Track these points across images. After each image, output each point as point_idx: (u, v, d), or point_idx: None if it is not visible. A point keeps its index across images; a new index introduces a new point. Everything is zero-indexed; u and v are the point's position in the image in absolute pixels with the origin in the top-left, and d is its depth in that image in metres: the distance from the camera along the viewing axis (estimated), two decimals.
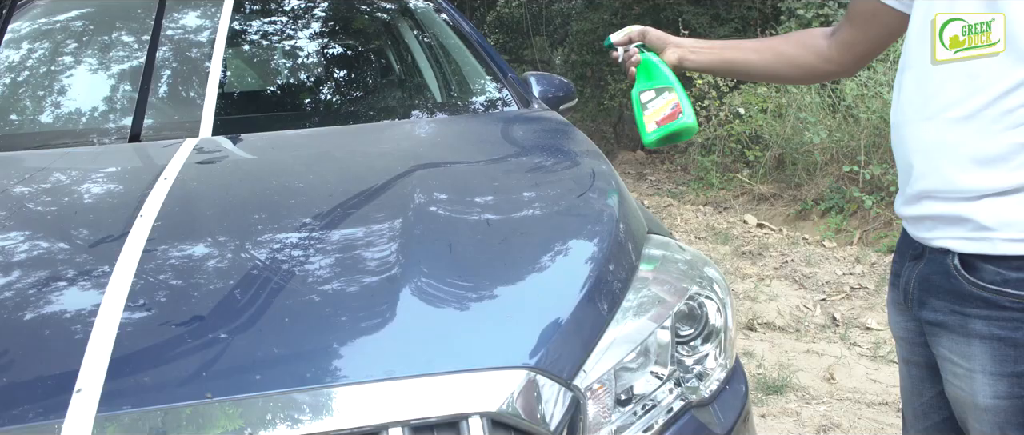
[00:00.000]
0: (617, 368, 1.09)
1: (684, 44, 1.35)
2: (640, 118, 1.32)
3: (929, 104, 0.94)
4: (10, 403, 0.86)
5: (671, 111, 1.29)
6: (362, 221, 1.25)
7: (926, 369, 1.09)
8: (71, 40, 2.05)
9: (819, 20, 5.20)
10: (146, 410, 0.86)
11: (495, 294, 1.08)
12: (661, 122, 1.29)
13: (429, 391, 0.91)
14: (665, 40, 1.36)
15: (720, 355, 1.26)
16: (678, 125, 1.28)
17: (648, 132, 1.31)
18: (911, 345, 1.10)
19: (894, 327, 1.14)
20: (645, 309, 1.17)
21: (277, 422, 0.86)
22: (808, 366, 2.82)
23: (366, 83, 2.41)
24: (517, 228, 1.24)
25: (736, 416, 1.21)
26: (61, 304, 1.02)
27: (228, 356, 0.93)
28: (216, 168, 1.49)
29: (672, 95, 1.30)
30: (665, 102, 1.29)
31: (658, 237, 1.39)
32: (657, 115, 1.29)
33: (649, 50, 1.37)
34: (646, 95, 1.32)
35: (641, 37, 1.37)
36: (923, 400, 1.11)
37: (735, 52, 1.32)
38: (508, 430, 0.92)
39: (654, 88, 1.31)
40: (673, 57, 1.34)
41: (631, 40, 1.38)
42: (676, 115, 1.28)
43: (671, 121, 1.28)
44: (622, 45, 1.39)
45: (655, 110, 1.30)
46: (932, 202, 0.96)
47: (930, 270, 1.00)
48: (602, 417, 1.06)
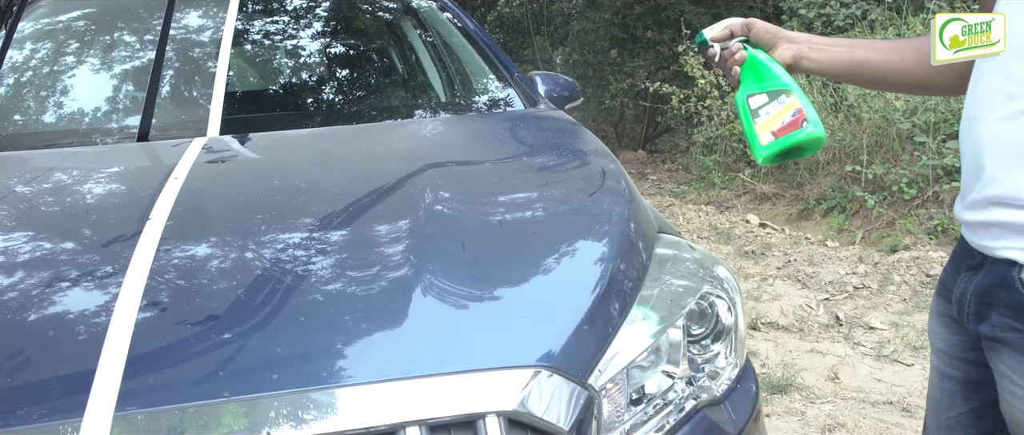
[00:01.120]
0: (629, 367, 1.09)
1: (799, 39, 1.15)
2: (750, 129, 1.12)
3: (1013, 103, 0.85)
4: (28, 402, 0.87)
5: (791, 119, 1.08)
6: (374, 221, 1.25)
7: (962, 385, 1.03)
8: (79, 40, 2.05)
9: (821, 20, 5.20)
10: (163, 409, 0.86)
11: (509, 293, 1.08)
12: (779, 133, 1.09)
13: (445, 390, 0.91)
14: (776, 34, 1.15)
15: (731, 354, 1.26)
16: (802, 136, 1.07)
17: (762, 145, 1.10)
18: (952, 359, 1.04)
19: (936, 339, 1.08)
20: (657, 308, 1.17)
21: (294, 421, 0.86)
22: (812, 365, 2.83)
23: (372, 83, 2.42)
24: (529, 227, 1.24)
25: (748, 415, 1.22)
26: (76, 303, 1.02)
27: (244, 355, 0.93)
28: (226, 168, 1.49)
29: (791, 99, 1.09)
30: (783, 108, 1.09)
31: (668, 236, 1.39)
32: (773, 124, 1.09)
33: (755, 46, 1.17)
34: (756, 100, 1.12)
35: (745, 30, 1.17)
36: (951, 414, 1.06)
37: (867, 51, 1.11)
38: (524, 429, 0.92)
39: (766, 91, 1.11)
40: (787, 54, 1.13)
41: (732, 34, 1.18)
42: (798, 123, 1.08)
43: (792, 131, 1.08)
44: (720, 41, 1.19)
45: (770, 118, 1.10)
46: (1003, 209, 0.88)
47: (991, 282, 0.92)
48: (615, 416, 1.06)
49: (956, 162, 3.86)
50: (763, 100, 1.12)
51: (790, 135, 1.08)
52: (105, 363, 0.90)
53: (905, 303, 3.36)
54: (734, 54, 1.17)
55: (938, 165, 3.96)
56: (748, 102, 1.13)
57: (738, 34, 1.17)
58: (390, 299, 1.03)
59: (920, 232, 3.93)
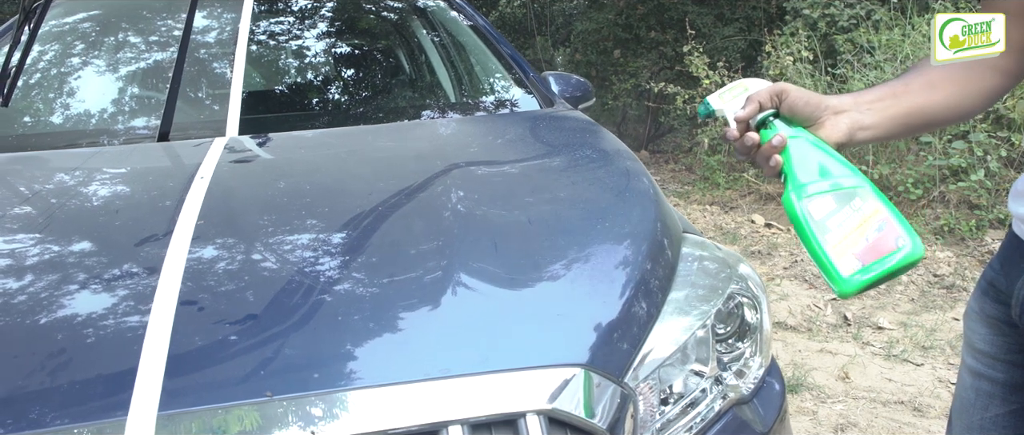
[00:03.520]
0: (661, 367, 1.10)
1: (844, 104, 0.88)
2: (819, 250, 0.82)
3: None
4: (72, 401, 0.87)
5: (877, 234, 0.81)
6: (404, 219, 1.25)
7: (1002, 387, 1.00)
8: (97, 40, 2.05)
9: (825, 20, 5.20)
10: (207, 408, 0.87)
11: (544, 292, 1.09)
12: (866, 256, 0.80)
13: (486, 389, 0.92)
14: (818, 105, 0.88)
15: (756, 353, 1.27)
16: (900, 259, 0.80)
17: (845, 277, 0.81)
18: (993, 360, 1.00)
19: (976, 339, 1.03)
20: (686, 308, 1.18)
21: (338, 420, 0.87)
22: (822, 365, 2.83)
23: (389, 83, 2.42)
24: (558, 227, 1.25)
25: (776, 414, 1.23)
26: (113, 303, 1.02)
27: (285, 354, 0.93)
28: (252, 167, 1.49)
29: (869, 204, 0.82)
30: (862, 219, 0.82)
31: (693, 237, 1.40)
32: (853, 244, 0.81)
33: (793, 123, 0.88)
34: (818, 206, 0.83)
35: (775, 102, 0.88)
36: (987, 416, 1.03)
37: (914, 97, 0.91)
38: (563, 428, 0.93)
39: (831, 194, 0.83)
40: (841, 131, 0.87)
41: (761, 107, 0.88)
42: (891, 242, 0.80)
43: (886, 254, 0.80)
44: (743, 120, 0.89)
45: (846, 235, 0.82)
46: None
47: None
48: (648, 415, 1.07)
49: (962, 162, 3.87)
50: (829, 206, 0.83)
51: (883, 259, 0.80)
52: (146, 362, 0.90)
53: (913, 303, 3.37)
54: (771, 141, 0.87)
55: (944, 165, 3.97)
56: (807, 210, 0.84)
57: (767, 107, 0.89)
58: (427, 298, 1.03)
59: (926, 232, 3.94)
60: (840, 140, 0.88)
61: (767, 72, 5.28)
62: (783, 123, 0.89)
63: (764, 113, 0.88)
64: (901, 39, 4.59)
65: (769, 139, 0.87)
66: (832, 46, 5.07)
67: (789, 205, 0.86)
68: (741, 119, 0.89)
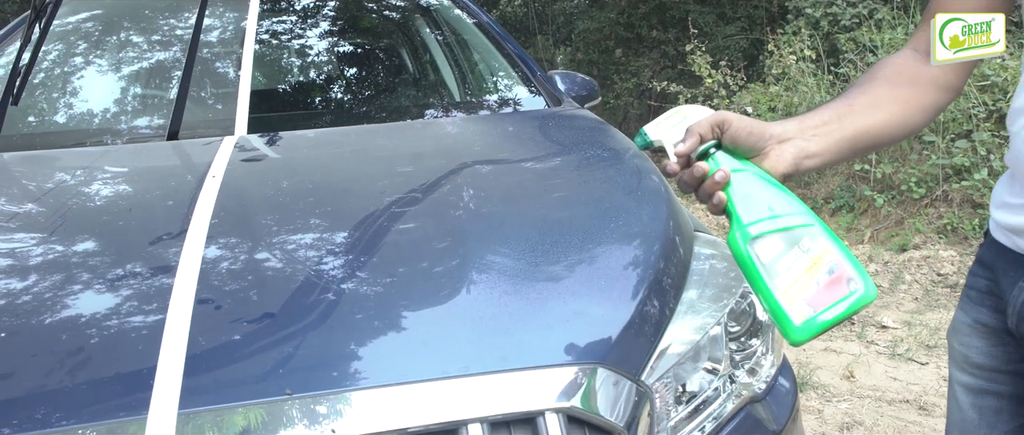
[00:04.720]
0: (676, 365, 1.10)
1: (789, 132, 0.84)
2: (768, 295, 0.77)
3: None
4: (92, 400, 0.87)
5: (828, 278, 0.75)
6: (418, 218, 1.25)
7: (1009, 401, 0.93)
8: (106, 39, 2.05)
9: (828, 19, 5.21)
10: (226, 407, 0.87)
11: (560, 291, 1.09)
12: (817, 302, 0.75)
13: (505, 387, 0.92)
14: (761, 135, 0.82)
15: (769, 351, 1.27)
16: (851, 303, 0.75)
17: (797, 325, 0.76)
18: (997, 372, 0.94)
19: (973, 353, 0.96)
20: (699, 307, 1.18)
21: (358, 419, 0.87)
22: (827, 364, 2.84)
23: (395, 81, 2.42)
24: (572, 225, 1.25)
25: (789, 412, 1.23)
26: (131, 302, 1.03)
27: (303, 353, 0.94)
28: (263, 166, 1.50)
29: (819, 244, 0.77)
30: (811, 260, 0.76)
31: (705, 235, 1.40)
32: (803, 289, 0.76)
33: (738, 156, 0.83)
34: (765, 248, 0.78)
35: (716, 133, 0.83)
36: (996, 433, 0.95)
37: (858, 119, 0.87)
38: (582, 426, 0.93)
39: (778, 233, 0.78)
40: (785, 161, 0.83)
41: (701, 139, 0.82)
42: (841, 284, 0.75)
43: (837, 299, 0.75)
44: (683, 154, 0.83)
45: (795, 279, 0.76)
46: None
47: None
48: (664, 413, 1.07)
49: (965, 161, 3.87)
50: (777, 248, 0.78)
51: (835, 304, 0.75)
52: (165, 361, 0.90)
53: (917, 302, 3.37)
54: (715, 176, 0.80)
55: (947, 164, 3.98)
56: (754, 252, 0.78)
57: (707, 138, 0.83)
58: (443, 297, 1.04)
59: (930, 231, 3.95)
60: (786, 171, 0.83)
61: (770, 71, 5.28)
62: (726, 155, 0.83)
63: (705, 145, 0.82)
64: (903, 38, 4.60)
65: (711, 175, 0.81)
66: (834, 45, 5.08)
67: (735, 247, 0.80)
68: (681, 154, 0.83)
